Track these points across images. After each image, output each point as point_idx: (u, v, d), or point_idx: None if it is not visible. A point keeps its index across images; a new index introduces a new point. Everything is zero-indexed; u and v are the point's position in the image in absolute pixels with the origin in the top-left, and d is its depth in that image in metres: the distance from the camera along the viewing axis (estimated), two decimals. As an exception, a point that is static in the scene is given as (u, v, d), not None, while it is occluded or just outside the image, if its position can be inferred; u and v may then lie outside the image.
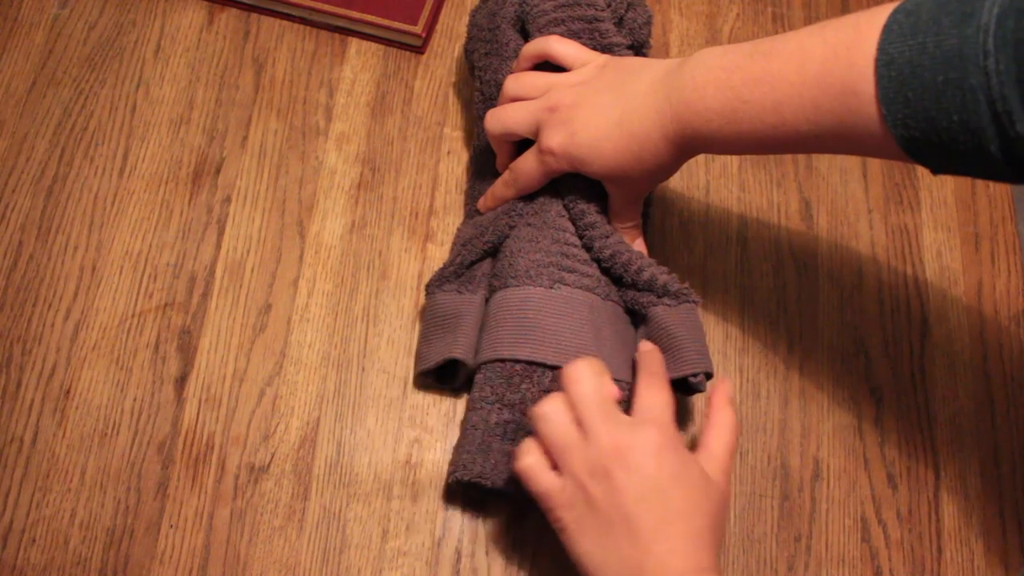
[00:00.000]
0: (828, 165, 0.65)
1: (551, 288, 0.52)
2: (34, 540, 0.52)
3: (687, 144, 0.48)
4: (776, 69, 0.44)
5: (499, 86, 0.56)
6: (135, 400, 0.56)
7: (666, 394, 0.46)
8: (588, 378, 0.45)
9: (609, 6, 0.56)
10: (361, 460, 0.55)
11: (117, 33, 0.66)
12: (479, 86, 0.60)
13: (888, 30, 0.40)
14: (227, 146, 0.63)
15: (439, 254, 0.61)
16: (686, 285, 0.52)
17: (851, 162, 0.65)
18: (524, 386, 0.51)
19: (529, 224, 0.55)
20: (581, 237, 0.54)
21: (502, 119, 0.54)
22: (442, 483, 0.55)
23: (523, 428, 0.50)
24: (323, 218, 0.61)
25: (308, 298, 0.59)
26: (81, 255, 0.59)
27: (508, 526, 0.54)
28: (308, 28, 0.67)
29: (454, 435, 0.56)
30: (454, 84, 0.66)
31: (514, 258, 0.54)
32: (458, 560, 0.53)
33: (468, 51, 0.63)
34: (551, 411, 0.45)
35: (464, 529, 0.54)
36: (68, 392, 0.56)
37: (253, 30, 0.67)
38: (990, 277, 0.63)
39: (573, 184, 0.54)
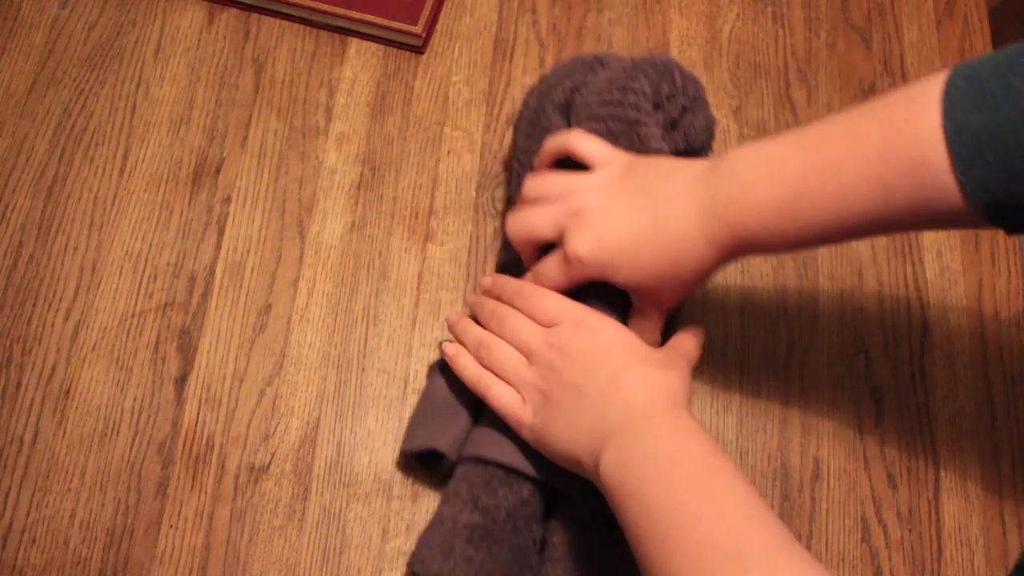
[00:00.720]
0: (828, 165, 0.65)
1: None
2: (34, 540, 0.52)
3: (736, 245, 0.45)
4: (833, 155, 0.42)
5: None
6: (135, 400, 0.56)
7: (561, 300, 0.49)
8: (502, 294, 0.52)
9: (658, 107, 0.52)
10: (361, 460, 0.55)
11: (117, 33, 0.66)
12: (517, 167, 0.58)
13: (949, 98, 0.39)
14: (227, 146, 0.63)
15: (439, 254, 0.61)
16: None
17: (851, 162, 0.65)
18: (502, 492, 0.48)
19: None
20: None
21: (525, 225, 0.52)
22: (442, 483, 0.55)
23: (492, 535, 0.47)
24: (323, 218, 0.61)
25: (308, 298, 0.59)
26: (81, 255, 0.59)
27: (508, 526, 0.54)
28: (308, 28, 0.67)
29: (454, 435, 0.56)
30: (454, 84, 0.66)
31: None
32: (458, 560, 0.53)
33: (515, 129, 0.61)
34: (484, 339, 0.51)
35: (464, 529, 0.54)
36: (68, 392, 0.56)
37: (253, 30, 0.67)
38: (990, 277, 0.63)
39: (592, 291, 0.50)
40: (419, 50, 0.67)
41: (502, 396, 0.49)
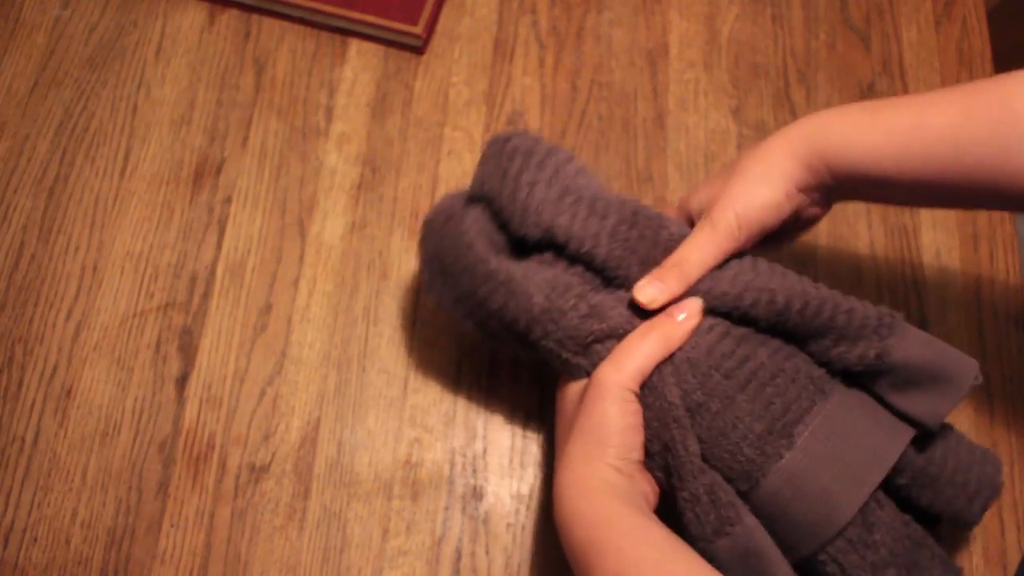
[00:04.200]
0: (827, 165, 0.65)
1: (795, 439, 0.42)
2: (36, 539, 0.52)
3: None
4: (915, 97, 0.45)
5: (529, 323, 0.45)
6: (136, 400, 0.56)
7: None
8: None
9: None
10: (361, 460, 0.55)
11: (118, 34, 0.66)
12: (471, 321, 0.48)
13: None
14: (228, 146, 0.63)
15: (439, 254, 0.61)
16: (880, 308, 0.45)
17: (850, 162, 0.66)
18: (873, 521, 0.42)
19: (704, 409, 0.44)
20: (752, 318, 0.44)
21: None
22: (442, 482, 0.55)
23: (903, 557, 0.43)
24: (323, 218, 0.61)
25: (309, 298, 0.59)
26: (82, 255, 0.60)
27: (508, 525, 0.54)
28: (309, 28, 0.67)
29: (454, 435, 0.56)
30: (454, 85, 0.66)
31: (739, 450, 0.43)
32: (458, 559, 0.53)
33: (436, 299, 0.49)
34: None
35: (464, 528, 0.54)
36: (69, 392, 0.56)
37: (254, 31, 0.67)
38: (989, 277, 0.63)
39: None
40: (419, 51, 0.67)
41: None
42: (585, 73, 0.67)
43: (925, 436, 0.45)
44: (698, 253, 0.46)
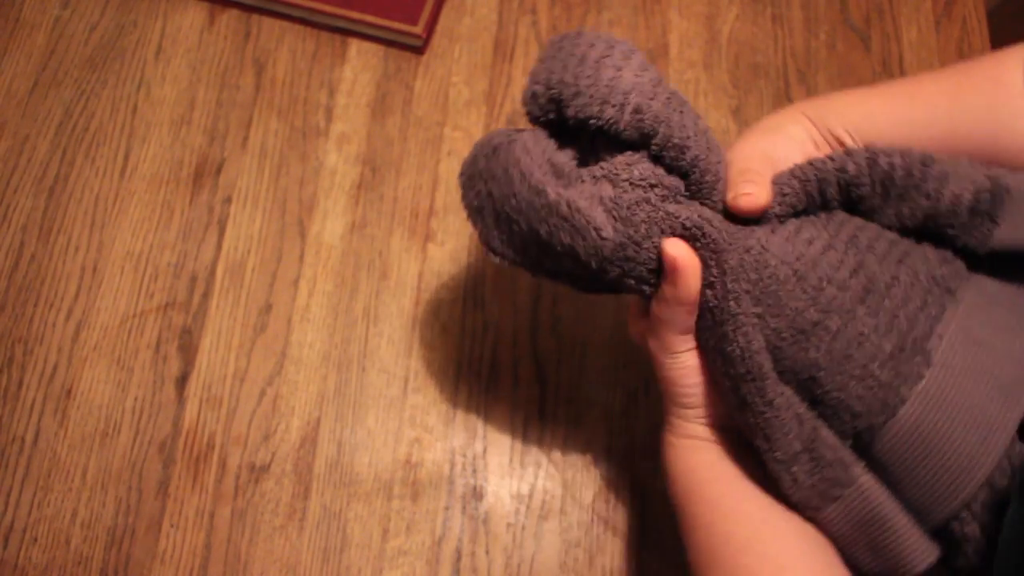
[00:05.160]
0: (827, 165, 0.65)
1: (932, 355, 0.36)
2: (36, 539, 0.52)
3: None
4: (912, 80, 0.45)
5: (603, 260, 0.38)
6: (136, 400, 0.56)
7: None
8: None
9: None
10: (361, 460, 0.55)
11: (118, 34, 0.66)
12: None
13: None
14: (228, 146, 0.63)
15: (439, 254, 0.61)
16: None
17: (850, 162, 0.66)
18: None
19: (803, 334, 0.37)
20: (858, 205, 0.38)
21: None
22: (442, 482, 0.55)
23: None
24: (323, 218, 0.61)
25: (309, 298, 0.59)
26: (82, 255, 0.60)
27: (508, 525, 0.54)
28: (308, 28, 0.67)
29: (454, 435, 0.56)
30: (454, 84, 0.66)
31: (869, 373, 0.36)
32: (458, 559, 0.53)
33: (498, 254, 0.41)
34: None
35: (464, 528, 0.54)
36: (69, 392, 0.56)
37: (254, 31, 0.67)
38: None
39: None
40: (419, 51, 0.67)
41: None
42: (585, 73, 0.67)
43: None
44: (743, 158, 0.41)
